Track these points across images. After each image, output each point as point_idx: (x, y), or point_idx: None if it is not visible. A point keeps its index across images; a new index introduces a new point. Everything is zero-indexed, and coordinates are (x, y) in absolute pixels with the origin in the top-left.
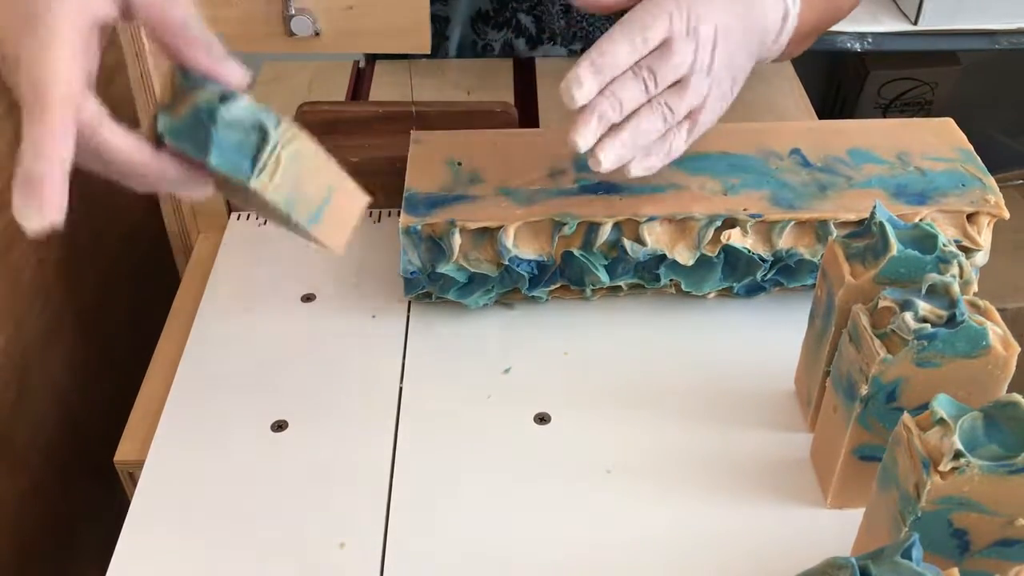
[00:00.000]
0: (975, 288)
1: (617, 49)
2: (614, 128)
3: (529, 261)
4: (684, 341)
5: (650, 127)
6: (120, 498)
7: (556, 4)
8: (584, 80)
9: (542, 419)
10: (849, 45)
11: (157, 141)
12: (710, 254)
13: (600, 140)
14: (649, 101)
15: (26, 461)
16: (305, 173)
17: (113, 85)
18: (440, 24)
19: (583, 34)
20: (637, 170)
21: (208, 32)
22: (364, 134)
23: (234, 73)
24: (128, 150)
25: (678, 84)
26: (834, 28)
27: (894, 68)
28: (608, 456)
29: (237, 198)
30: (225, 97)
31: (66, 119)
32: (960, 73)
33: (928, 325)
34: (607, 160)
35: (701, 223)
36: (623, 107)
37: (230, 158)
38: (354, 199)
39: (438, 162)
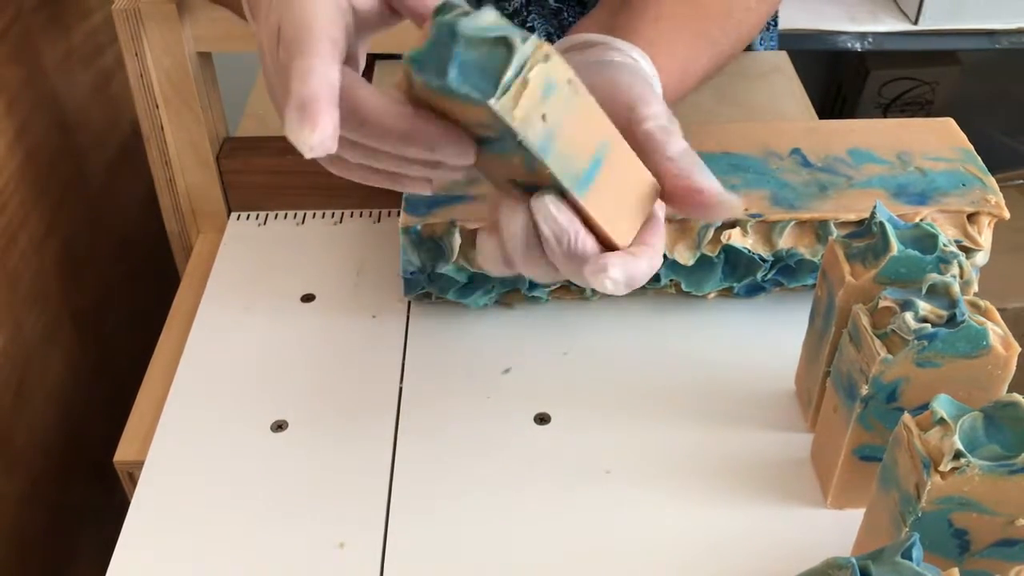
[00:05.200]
0: (975, 288)
1: None
2: None
3: None
4: (684, 341)
5: None
6: (120, 498)
7: (574, 10)
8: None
9: (542, 419)
10: (849, 45)
11: (412, 99)
12: (710, 254)
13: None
14: None
15: (26, 461)
16: (565, 110)
17: (113, 85)
18: None
19: None
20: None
21: None
22: None
23: None
24: (383, 106)
25: None
26: (834, 28)
27: (894, 68)
28: (608, 456)
29: (495, 171)
30: (469, 13)
31: (331, 52)
32: (960, 73)
33: (928, 325)
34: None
35: (701, 223)
36: None
37: (470, 77)
38: (635, 173)
39: None
